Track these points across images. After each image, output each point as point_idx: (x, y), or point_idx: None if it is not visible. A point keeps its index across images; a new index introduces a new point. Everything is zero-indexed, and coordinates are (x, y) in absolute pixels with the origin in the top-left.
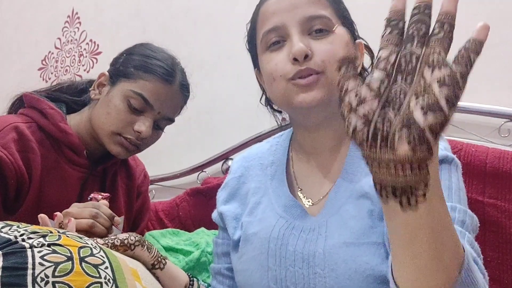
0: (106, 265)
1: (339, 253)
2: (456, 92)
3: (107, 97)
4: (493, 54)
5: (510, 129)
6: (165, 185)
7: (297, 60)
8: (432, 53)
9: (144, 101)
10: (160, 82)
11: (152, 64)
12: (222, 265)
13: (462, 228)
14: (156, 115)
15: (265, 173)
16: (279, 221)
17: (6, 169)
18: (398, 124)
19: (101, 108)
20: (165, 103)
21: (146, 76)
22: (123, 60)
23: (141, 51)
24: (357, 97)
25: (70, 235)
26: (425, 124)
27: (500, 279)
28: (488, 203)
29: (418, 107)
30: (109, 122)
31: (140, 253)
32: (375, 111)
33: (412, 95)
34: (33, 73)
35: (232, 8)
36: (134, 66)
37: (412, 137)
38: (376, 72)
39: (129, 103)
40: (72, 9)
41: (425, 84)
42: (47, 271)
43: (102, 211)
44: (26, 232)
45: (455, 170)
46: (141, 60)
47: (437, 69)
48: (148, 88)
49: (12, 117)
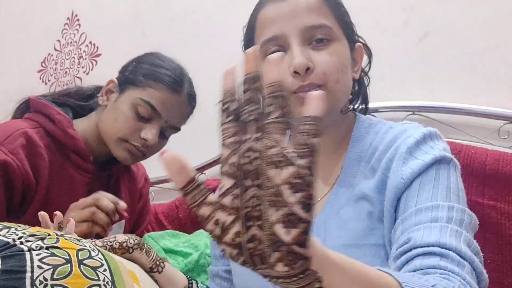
0: (105, 267)
1: None
2: (308, 194)
3: (115, 104)
4: (492, 56)
5: (509, 131)
6: (164, 187)
7: (297, 73)
8: (270, 146)
9: (152, 109)
10: (168, 91)
11: (161, 73)
12: (220, 267)
13: (459, 227)
14: (163, 124)
15: None
16: None
17: (13, 174)
18: (266, 242)
19: (109, 114)
20: (172, 112)
21: (154, 84)
22: (132, 68)
23: (151, 60)
24: (218, 226)
25: (69, 238)
26: (290, 240)
27: (500, 281)
28: (487, 205)
29: (279, 223)
30: (117, 129)
31: (138, 256)
32: (241, 233)
33: (267, 206)
34: (32, 75)
35: (231, 11)
36: (143, 75)
37: (283, 256)
38: (225, 180)
39: (137, 110)
40: (71, 11)
41: (276, 191)
42: (46, 274)
43: (106, 196)
44: (24, 235)
45: (453, 170)
46: (150, 69)
47: (280, 169)
48: (156, 97)
49: (21, 122)
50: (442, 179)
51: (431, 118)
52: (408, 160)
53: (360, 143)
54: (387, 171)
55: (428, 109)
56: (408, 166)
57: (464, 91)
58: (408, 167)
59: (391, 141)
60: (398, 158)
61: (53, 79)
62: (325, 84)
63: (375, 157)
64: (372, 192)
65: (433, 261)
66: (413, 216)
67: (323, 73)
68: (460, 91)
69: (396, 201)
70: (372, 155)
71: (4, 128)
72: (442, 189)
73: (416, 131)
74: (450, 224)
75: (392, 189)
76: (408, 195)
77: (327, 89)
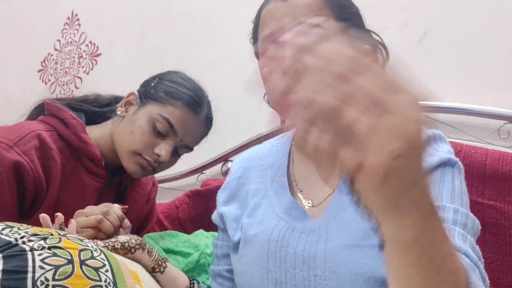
0: (107, 268)
1: (339, 255)
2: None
3: (133, 116)
4: (492, 56)
5: (509, 131)
6: (164, 187)
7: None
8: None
9: (170, 126)
10: (187, 110)
11: (183, 92)
12: (221, 267)
13: (464, 230)
14: (177, 142)
15: (265, 174)
16: (279, 222)
17: (26, 175)
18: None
19: (125, 126)
20: (188, 132)
21: (175, 102)
22: (154, 83)
23: (173, 78)
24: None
25: (71, 238)
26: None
27: (500, 280)
28: (487, 205)
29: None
30: (132, 141)
31: (141, 257)
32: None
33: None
34: (32, 74)
35: (231, 11)
36: (165, 91)
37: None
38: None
39: (154, 126)
40: (72, 11)
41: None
42: (47, 274)
43: (113, 210)
44: (26, 235)
45: (458, 173)
46: (172, 87)
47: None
48: (175, 115)
49: (35, 124)
50: (447, 181)
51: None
52: None
53: None
54: None
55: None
56: None
57: (464, 91)
58: None
59: None
60: None
61: (53, 78)
62: None
63: None
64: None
65: None
66: None
67: None
68: (460, 91)
69: None
70: None
71: (18, 130)
72: (447, 191)
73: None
74: (456, 226)
75: None
76: None
77: None
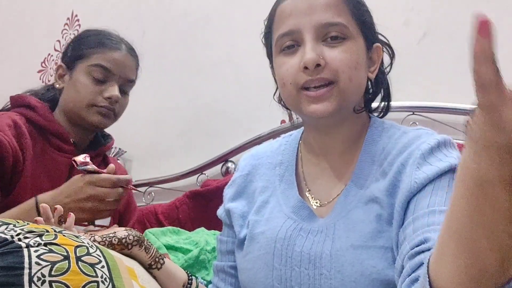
0: (103, 264)
1: (346, 255)
2: None
3: (71, 81)
4: None
5: None
6: (164, 187)
7: (307, 69)
8: None
9: (104, 69)
10: (110, 50)
11: (99, 40)
12: (225, 263)
13: None
14: (118, 80)
15: (273, 172)
16: (287, 221)
17: (4, 148)
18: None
19: (69, 91)
20: (121, 66)
21: (97, 50)
22: (72, 48)
23: (82, 35)
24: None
25: (67, 234)
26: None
27: None
28: None
29: None
30: (81, 97)
31: (137, 253)
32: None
33: None
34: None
35: (230, 11)
36: (83, 47)
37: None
38: None
39: (92, 76)
40: (71, 11)
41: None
42: (44, 270)
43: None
44: (22, 232)
45: None
46: (89, 40)
47: None
48: (103, 58)
49: (5, 113)
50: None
51: (431, 118)
52: (422, 165)
53: (373, 146)
54: (398, 175)
55: (428, 109)
56: (422, 171)
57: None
58: (422, 171)
59: (405, 146)
60: (412, 163)
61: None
62: (337, 81)
63: (387, 161)
64: (382, 195)
65: None
66: (426, 217)
67: (334, 70)
68: (460, 91)
69: (407, 204)
70: (384, 159)
71: None
72: None
73: (431, 137)
74: None
75: (404, 192)
76: (419, 197)
77: (338, 86)
